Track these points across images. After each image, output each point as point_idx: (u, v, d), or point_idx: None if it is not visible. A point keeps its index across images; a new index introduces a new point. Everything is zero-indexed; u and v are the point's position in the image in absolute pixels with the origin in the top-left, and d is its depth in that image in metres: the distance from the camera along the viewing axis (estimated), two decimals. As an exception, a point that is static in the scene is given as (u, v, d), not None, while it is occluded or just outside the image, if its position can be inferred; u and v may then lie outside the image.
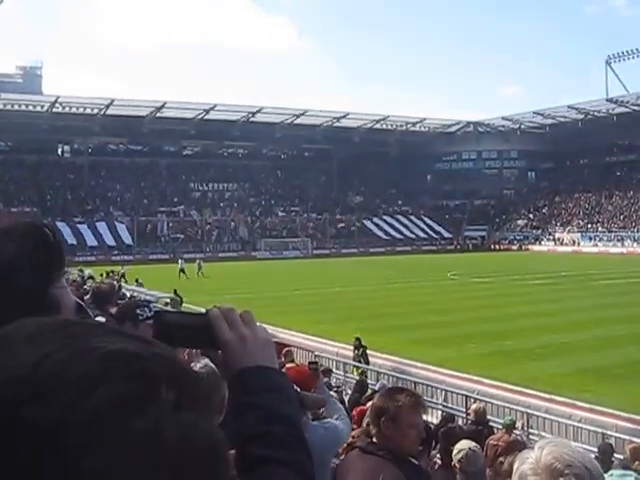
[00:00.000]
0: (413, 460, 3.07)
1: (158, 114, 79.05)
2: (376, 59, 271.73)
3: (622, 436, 9.85)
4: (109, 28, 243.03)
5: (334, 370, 14.35)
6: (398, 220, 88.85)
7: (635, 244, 72.86)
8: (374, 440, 2.98)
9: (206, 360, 3.74)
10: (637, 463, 7.45)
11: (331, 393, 7.59)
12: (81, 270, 33.14)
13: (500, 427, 9.10)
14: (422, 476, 3.04)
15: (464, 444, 4.52)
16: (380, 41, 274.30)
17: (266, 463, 0.96)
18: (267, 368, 1.08)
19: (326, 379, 10.88)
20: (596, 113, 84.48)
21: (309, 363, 4.51)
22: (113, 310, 5.06)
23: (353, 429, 6.04)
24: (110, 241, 70.69)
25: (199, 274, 45.19)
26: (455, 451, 4.47)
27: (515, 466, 1.34)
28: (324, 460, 3.54)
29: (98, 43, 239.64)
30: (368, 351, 16.12)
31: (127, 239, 71.73)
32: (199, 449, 0.53)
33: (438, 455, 6.18)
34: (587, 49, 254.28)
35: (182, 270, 44.00)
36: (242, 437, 1.01)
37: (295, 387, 2.78)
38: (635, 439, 9.23)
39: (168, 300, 25.44)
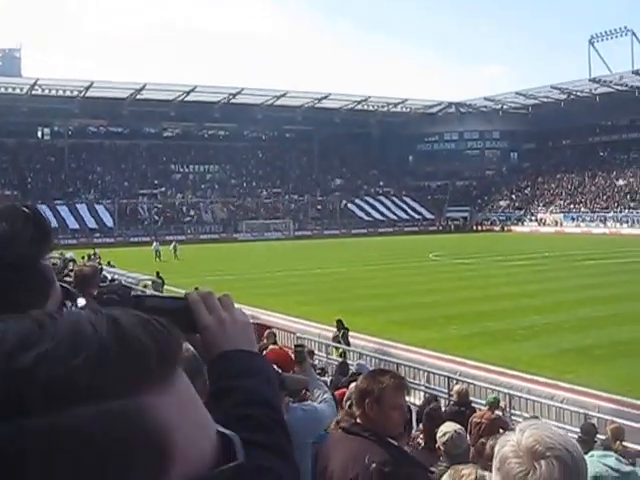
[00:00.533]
0: (394, 442, 3.03)
1: (138, 96, 78.56)
2: (357, 40, 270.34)
3: (604, 416, 9.84)
4: (90, 11, 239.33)
5: (316, 352, 14.23)
6: (380, 201, 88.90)
7: (617, 224, 73.43)
8: (358, 421, 2.96)
9: (187, 344, 3.54)
10: (618, 443, 7.43)
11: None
12: (62, 254, 32.93)
13: (483, 407, 9.08)
14: (406, 457, 3.00)
15: (449, 426, 4.51)
16: (361, 21, 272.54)
17: (245, 446, 0.93)
18: (246, 352, 1.09)
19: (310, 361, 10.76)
20: (579, 93, 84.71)
21: (295, 346, 4.57)
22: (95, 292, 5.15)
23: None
24: (91, 223, 70.52)
25: (175, 256, 44.71)
26: (440, 433, 4.46)
27: (496, 449, 1.34)
28: (303, 441, 3.53)
29: (78, 26, 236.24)
30: (350, 333, 16.07)
31: (108, 221, 71.59)
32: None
33: (421, 436, 6.13)
34: (570, 29, 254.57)
35: (157, 252, 43.81)
36: (221, 421, 0.96)
37: (277, 369, 2.83)
38: (617, 419, 9.19)
39: (150, 282, 25.40)
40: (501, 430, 7.29)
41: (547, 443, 1.28)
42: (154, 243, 46.88)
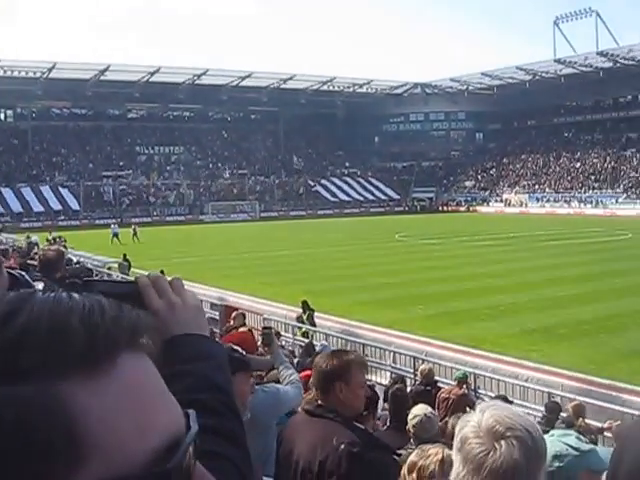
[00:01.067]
0: (359, 424, 3.02)
1: (102, 77, 77.30)
2: (322, 20, 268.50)
3: (567, 395, 9.92)
4: None
5: (283, 333, 14.32)
6: (346, 182, 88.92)
7: (582, 205, 74.48)
8: (320, 403, 2.92)
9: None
10: (580, 420, 7.48)
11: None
12: (28, 237, 32.51)
13: (448, 387, 9.15)
14: (372, 439, 2.96)
15: (420, 409, 4.47)
16: (325, 2, 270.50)
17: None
18: (197, 336, 1.07)
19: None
20: (544, 74, 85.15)
21: (263, 328, 4.68)
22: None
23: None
24: (56, 206, 69.53)
25: (134, 239, 43.85)
26: (410, 416, 4.43)
27: (457, 429, 1.36)
28: (265, 423, 3.59)
29: (38, 5, 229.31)
30: (317, 313, 16.05)
31: (73, 204, 70.75)
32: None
33: (387, 416, 6.14)
34: (535, 9, 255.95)
35: (116, 235, 43.15)
36: None
37: (241, 351, 2.86)
38: (580, 397, 9.26)
39: (116, 265, 25.19)
40: (468, 408, 7.30)
41: (507, 423, 1.29)
42: (112, 226, 46.19)
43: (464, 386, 8.95)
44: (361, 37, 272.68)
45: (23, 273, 3.91)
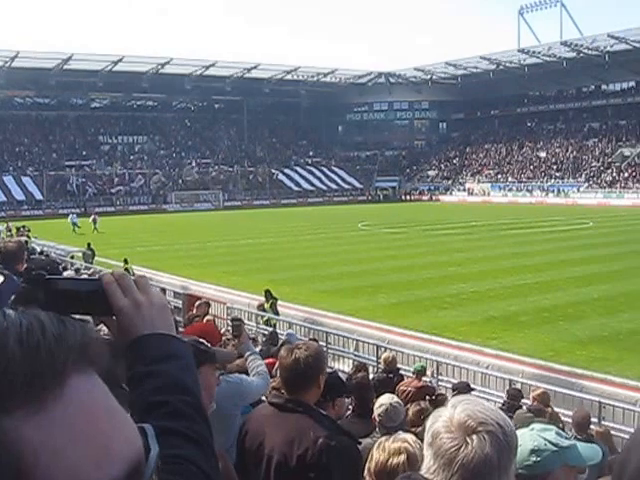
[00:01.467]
0: (327, 413, 3.07)
1: (65, 66, 76.31)
2: (287, 10, 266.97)
3: (528, 381, 10.11)
4: None
5: (246, 321, 14.23)
6: (309, 171, 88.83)
7: (544, 194, 75.51)
8: (289, 397, 2.92)
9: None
10: (550, 409, 7.65)
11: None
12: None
13: (410, 374, 9.17)
14: (340, 429, 2.98)
15: (386, 399, 4.49)
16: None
17: (163, 433, 0.92)
18: (163, 335, 1.06)
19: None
20: (508, 64, 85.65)
21: (232, 320, 4.69)
22: (22, 267, 5.08)
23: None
24: (19, 196, 68.94)
25: (95, 229, 43.13)
26: (377, 405, 4.45)
27: (428, 424, 1.36)
28: (227, 413, 3.60)
29: None
30: (280, 302, 16.11)
31: (36, 194, 70.08)
32: None
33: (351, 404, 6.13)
34: None
35: (75, 224, 42.88)
36: (139, 407, 1.00)
37: (205, 342, 2.86)
38: (540, 384, 9.47)
39: (80, 254, 25.02)
40: (427, 397, 7.35)
41: (479, 418, 1.30)
42: (70, 215, 45.75)
43: (422, 378, 9.00)
44: (326, 27, 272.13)
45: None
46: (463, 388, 7.94)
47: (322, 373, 2.97)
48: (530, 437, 1.85)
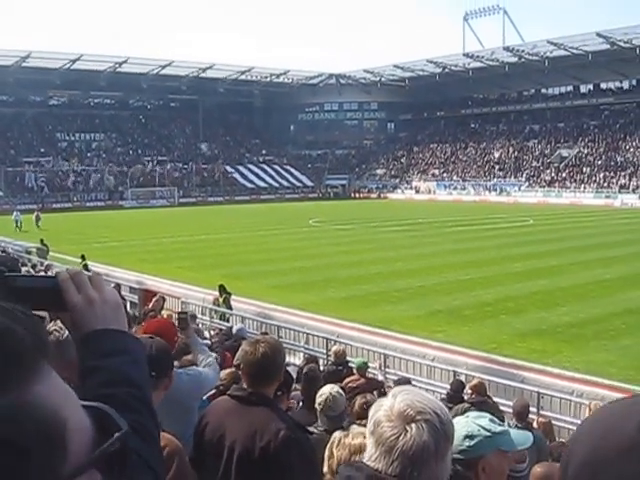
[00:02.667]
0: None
1: (23, 64, 75.18)
2: (235, 11, 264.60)
3: (471, 373, 10.38)
4: None
5: (200, 316, 14.43)
6: (262, 169, 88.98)
7: (487, 192, 77.17)
8: (251, 390, 2.95)
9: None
10: (487, 398, 7.85)
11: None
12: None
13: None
14: (295, 421, 3.06)
15: (327, 388, 4.54)
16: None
17: None
18: (115, 331, 1.08)
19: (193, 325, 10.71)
20: (453, 67, 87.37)
21: (178, 313, 4.60)
22: None
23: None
24: (-24, 192, 67.74)
25: (37, 226, 41.98)
26: (318, 395, 4.53)
27: (370, 413, 1.41)
28: (189, 406, 3.64)
29: None
30: (233, 297, 16.18)
31: (-6, 189, 69.05)
32: None
33: (299, 395, 6.26)
34: (447, 4, 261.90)
35: (17, 222, 42.01)
36: (87, 400, 0.96)
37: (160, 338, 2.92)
38: (483, 375, 9.77)
39: (35, 249, 24.59)
40: (375, 391, 7.51)
41: (417, 407, 1.35)
42: (14, 212, 44.75)
43: (366, 373, 8.94)
44: (279, 28, 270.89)
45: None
46: (404, 384, 8.23)
47: (282, 368, 3.03)
48: (465, 423, 2.02)
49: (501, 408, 8.62)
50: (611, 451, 0.71)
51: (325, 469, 2.84)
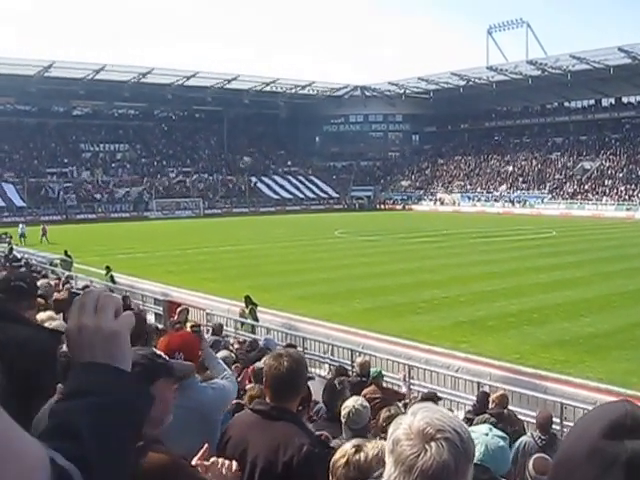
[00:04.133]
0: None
1: (46, 74, 75.71)
2: (267, 23, 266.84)
3: (495, 384, 10.39)
4: None
5: (225, 327, 14.23)
6: (288, 180, 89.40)
7: (510, 204, 76.94)
8: (274, 404, 2.93)
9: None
10: (506, 411, 7.87)
11: (224, 352, 7.67)
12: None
13: (382, 380, 9.32)
14: (317, 436, 3.13)
15: (352, 401, 4.57)
16: (270, 6, 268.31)
17: None
18: (95, 365, 0.97)
19: (217, 337, 10.90)
20: (477, 80, 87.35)
21: (191, 327, 4.52)
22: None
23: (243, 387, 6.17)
24: (-1, 202, 68.44)
25: (42, 239, 40.59)
26: (343, 408, 4.52)
27: (390, 431, 1.37)
28: (212, 419, 3.61)
29: None
30: (259, 308, 16.20)
31: (17, 200, 69.48)
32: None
33: (324, 408, 6.25)
34: (471, 18, 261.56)
35: (22, 235, 40.84)
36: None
37: (164, 355, 2.79)
38: (506, 386, 9.85)
39: (59, 261, 24.74)
40: (398, 402, 7.59)
41: (437, 425, 1.31)
42: (20, 225, 43.50)
43: (381, 383, 8.93)
44: (304, 40, 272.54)
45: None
46: (430, 398, 8.24)
47: (305, 382, 3.04)
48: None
49: (524, 419, 8.77)
50: (578, 454, 0.74)
51: None
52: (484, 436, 2.99)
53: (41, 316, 4.56)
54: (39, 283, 11.08)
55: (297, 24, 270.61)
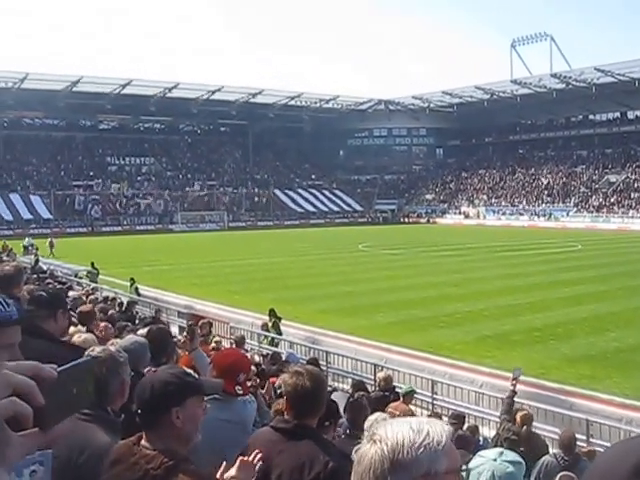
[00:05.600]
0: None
1: (74, 88, 77.26)
2: (290, 37, 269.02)
3: (519, 400, 9.97)
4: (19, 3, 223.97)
5: (248, 340, 14.37)
6: (312, 194, 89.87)
7: (535, 218, 76.49)
8: (296, 422, 2.91)
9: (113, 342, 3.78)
10: (524, 429, 7.76)
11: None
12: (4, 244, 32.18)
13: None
14: (341, 452, 3.02)
15: (376, 416, 4.59)
16: (295, 21, 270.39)
17: None
18: None
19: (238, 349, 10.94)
20: (501, 94, 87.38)
21: (216, 342, 4.49)
22: (24, 289, 4.83)
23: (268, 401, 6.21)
24: (26, 215, 69.57)
25: (51, 253, 39.55)
26: (367, 423, 4.51)
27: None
28: (250, 432, 3.59)
29: (10, 15, 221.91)
30: (283, 321, 16.23)
31: (44, 212, 70.74)
32: None
33: (346, 423, 6.21)
34: (494, 32, 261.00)
35: (26, 247, 39.25)
36: None
37: (193, 372, 2.83)
38: (531, 402, 9.77)
39: (85, 273, 25.01)
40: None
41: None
42: (26, 239, 42.10)
43: (411, 401, 8.95)
44: (328, 54, 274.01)
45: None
46: (458, 418, 8.08)
47: (325, 398, 3.00)
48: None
49: (549, 435, 8.70)
50: None
51: None
52: (492, 462, 2.96)
53: (71, 330, 4.65)
54: (71, 294, 11.21)
55: (325, 40, 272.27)
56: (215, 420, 3.17)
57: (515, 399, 10.38)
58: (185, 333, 4.42)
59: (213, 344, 10.04)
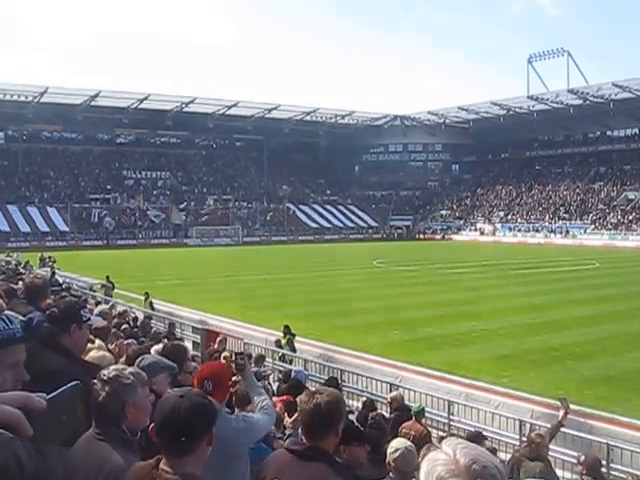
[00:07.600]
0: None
1: (92, 103, 78.46)
2: (306, 52, 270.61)
3: (537, 422, 10.00)
4: (40, 21, 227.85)
5: None
6: (326, 209, 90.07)
7: (552, 235, 75.95)
8: (310, 444, 2.90)
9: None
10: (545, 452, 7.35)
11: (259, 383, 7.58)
12: (9, 255, 32.01)
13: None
14: (350, 475, 3.06)
15: (400, 443, 4.46)
16: (310, 34, 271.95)
17: None
18: None
19: (257, 368, 10.81)
20: (517, 109, 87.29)
21: (236, 354, 4.46)
22: (48, 302, 4.93)
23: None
24: (43, 227, 70.36)
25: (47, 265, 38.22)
26: (390, 449, 4.39)
27: (425, 468, 1.31)
28: (231, 451, 3.56)
29: (29, 35, 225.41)
30: (297, 337, 16.10)
31: (60, 225, 71.54)
32: None
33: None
34: (511, 47, 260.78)
35: (43, 260, 37.50)
36: None
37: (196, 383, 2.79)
38: (548, 425, 9.24)
39: (100, 286, 25.04)
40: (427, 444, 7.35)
41: (482, 462, 1.28)
42: (15, 254, 39.64)
43: (423, 420, 8.66)
44: (343, 70, 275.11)
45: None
46: (476, 438, 7.70)
47: (341, 420, 2.93)
48: None
49: (567, 459, 8.52)
50: None
51: None
52: None
53: (89, 345, 4.62)
54: (97, 309, 11.13)
55: (340, 56, 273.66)
56: None
57: (532, 421, 10.24)
58: (235, 365, 4.31)
59: (222, 360, 9.93)
